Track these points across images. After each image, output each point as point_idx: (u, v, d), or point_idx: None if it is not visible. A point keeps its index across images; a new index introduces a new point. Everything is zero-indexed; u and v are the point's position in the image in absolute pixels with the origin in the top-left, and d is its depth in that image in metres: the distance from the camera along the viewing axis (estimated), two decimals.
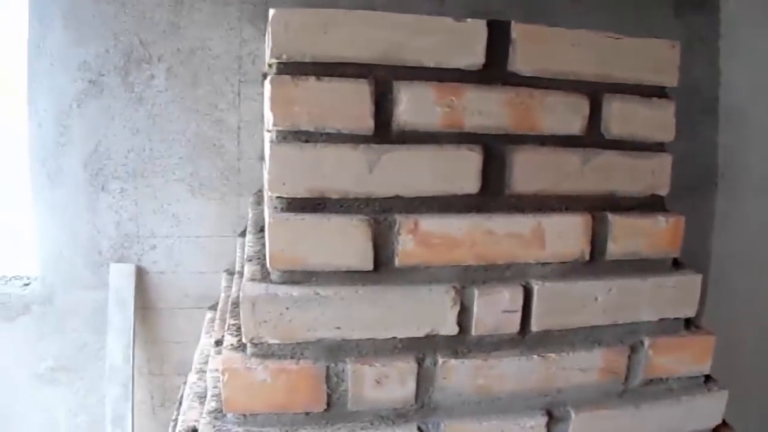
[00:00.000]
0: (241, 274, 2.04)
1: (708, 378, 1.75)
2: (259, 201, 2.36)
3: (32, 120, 2.58)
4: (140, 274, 2.63)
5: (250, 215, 2.32)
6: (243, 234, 2.55)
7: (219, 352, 1.66)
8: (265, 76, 2.59)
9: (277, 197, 1.50)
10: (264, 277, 1.53)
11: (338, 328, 1.49)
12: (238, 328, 1.58)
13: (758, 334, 2.69)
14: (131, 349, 2.59)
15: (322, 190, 1.48)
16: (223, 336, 1.71)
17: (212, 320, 2.53)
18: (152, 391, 2.87)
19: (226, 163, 2.58)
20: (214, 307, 2.62)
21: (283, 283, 1.50)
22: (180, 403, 2.09)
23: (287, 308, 1.46)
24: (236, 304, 1.75)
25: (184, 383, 2.06)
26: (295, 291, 1.47)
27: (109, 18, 2.46)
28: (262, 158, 2.64)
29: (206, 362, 2.07)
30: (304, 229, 1.47)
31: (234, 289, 2.01)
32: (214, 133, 2.56)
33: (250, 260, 1.65)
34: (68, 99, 2.55)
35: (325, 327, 1.48)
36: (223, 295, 2.37)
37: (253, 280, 1.53)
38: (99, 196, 2.60)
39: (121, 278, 2.60)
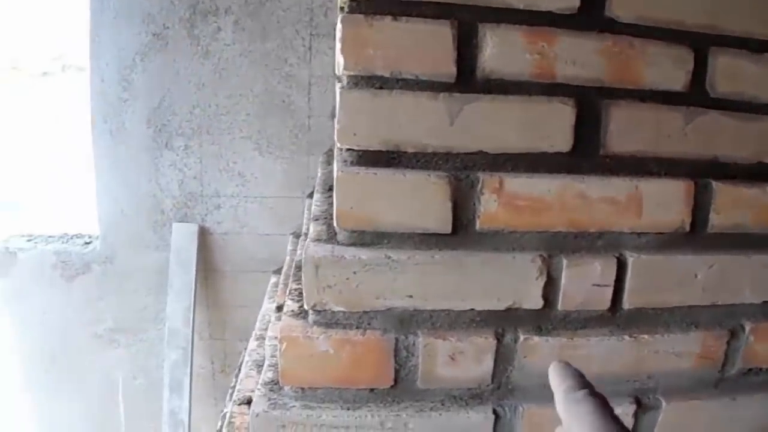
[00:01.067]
0: (307, 235, 1.90)
1: None
2: (329, 160, 2.22)
3: (95, 74, 2.48)
4: (203, 235, 2.52)
5: (319, 175, 2.19)
6: (311, 195, 2.42)
7: (279, 318, 1.52)
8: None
9: (347, 149, 1.35)
10: (330, 237, 1.39)
11: (410, 296, 1.34)
12: (300, 293, 1.44)
13: None
14: (192, 312, 2.50)
15: (397, 142, 1.33)
16: (284, 301, 1.56)
17: (276, 285, 2.42)
18: (212, 356, 2.77)
19: (296, 120, 2.44)
20: (279, 271, 2.51)
21: (352, 244, 1.36)
22: (239, 371, 1.97)
23: (355, 273, 1.32)
24: (299, 267, 1.61)
25: (245, 349, 1.93)
26: (364, 254, 1.32)
27: None
28: (333, 116, 2.50)
29: (266, 328, 1.94)
30: (377, 184, 1.32)
31: (299, 251, 1.86)
32: (284, 89, 2.43)
33: (316, 220, 1.51)
34: (131, 53, 2.44)
35: (396, 295, 1.34)
36: (288, 258, 2.25)
37: (318, 240, 1.38)
38: (162, 153, 2.50)
39: (183, 238, 2.49)
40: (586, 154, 1.40)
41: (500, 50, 1.34)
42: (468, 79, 1.35)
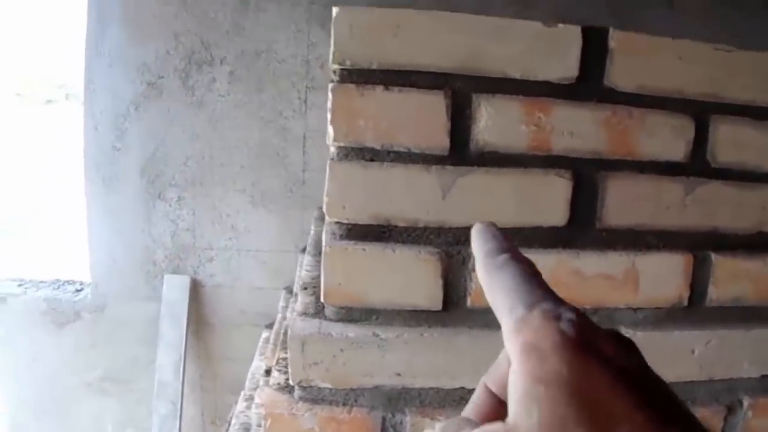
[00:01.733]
0: (297, 298, 1.86)
1: None
2: (322, 216, 2.18)
3: (88, 122, 2.42)
4: (195, 287, 2.48)
5: (312, 232, 2.15)
6: (305, 250, 2.39)
7: (267, 384, 1.48)
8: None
9: (336, 222, 1.31)
10: (318, 312, 1.35)
11: (398, 374, 1.30)
12: (287, 364, 1.40)
13: None
14: (182, 365, 2.46)
15: (387, 216, 1.29)
16: (272, 366, 1.53)
17: (267, 340, 2.38)
18: (203, 408, 2.73)
19: (291, 173, 2.39)
20: (270, 326, 2.47)
21: (339, 320, 1.32)
22: (227, 431, 1.93)
23: (342, 350, 1.28)
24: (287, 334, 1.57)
25: (234, 406, 1.90)
26: (352, 331, 1.28)
27: (170, 18, 2.29)
28: None
29: (255, 388, 1.90)
30: (365, 260, 1.28)
31: (289, 314, 1.82)
32: (279, 142, 2.39)
33: (305, 288, 1.46)
34: (126, 101, 2.40)
35: (384, 373, 1.29)
36: (279, 316, 2.21)
37: (305, 314, 1.35)
38: (155, 204, 2.45)
39: (175, 291, 2.46)
40: (581, 228, 1.36)
41: (495, 121, 1.30)
42: (461, 151, 1.31)
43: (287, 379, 1.37)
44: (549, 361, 0.38)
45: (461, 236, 1.31)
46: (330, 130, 1.28)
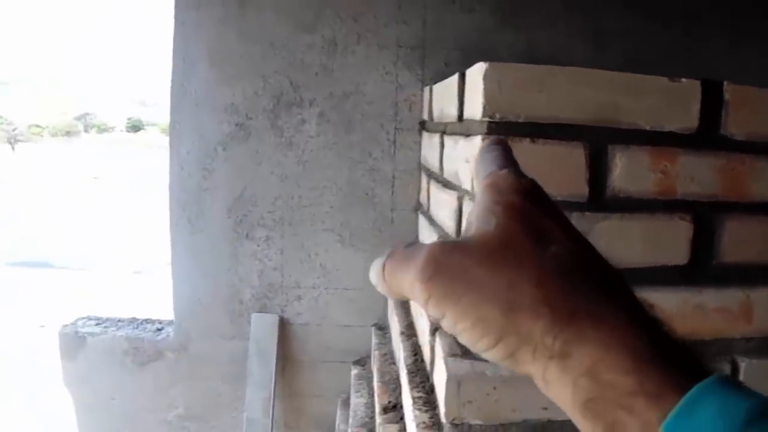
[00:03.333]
0: (406, 334, 1.93)
1: None
2: None
3: (174, 162, 2.42)
4: (283, 325, 2.50)
5: None
6: None
7: (390, 421, 1.55)
8: (422, 124, 2.50)
9: None
10: (465, 352, 1.43)
11: (545, 408, 1.39)
12: (426, 402, 1.49)
13: None
14: (271, 402, 2.48)
15: None
16: (390, 403, 1.60)
17: (360, 377, 2.47)
18: None
19: (379, 213, 2.44)
20: (359, 362, 2.56)
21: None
22: None
23: (495, 388, 1.37)
24: (415, 373, 1.65)
25: None
26: (504, 370, 1.36)
27: (257, 59, 2.31)
28: (416, 209, 2.56)
29: (363, 425, 1.96)
30: None
31: (400, 350, 1.88)
32: (367, 182, 2.42)
33: (437, 329, 1.54)
34: (213, 142, 2.41)
35: (532, 407, 1.38)
36: (376, 352, 2.24)
37: (454, 356, 1.42)
38: (243, 243, 2.46)
39: (263, 329, 2.47)
40: (699, 265, 1.47)
41: (629, 170, 1.40)
42: (598, 197, 1.40)
43: (431, 418, 1.45)
44: (506, 195, 0.50)
45: None
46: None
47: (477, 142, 1.38)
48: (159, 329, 2.77)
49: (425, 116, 2.41)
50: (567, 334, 0.44)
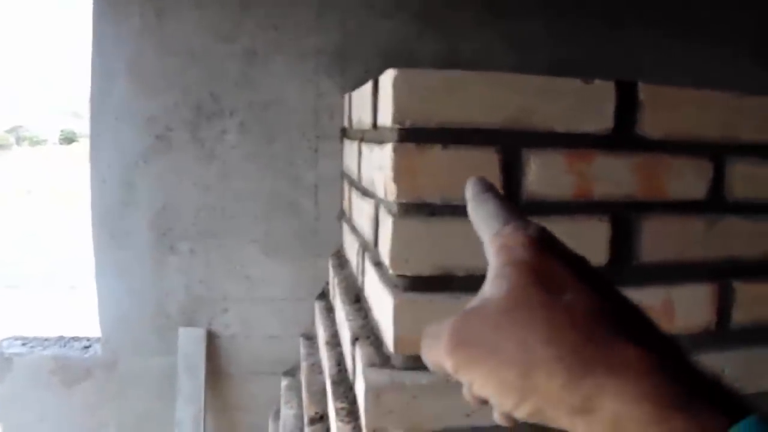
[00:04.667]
0: (331, 343, 1.90)
1: None
2: (341, 263, 2.21)
3: (95, 177, 2.35)
4: (210, 339, 2.44)
5: (333, 278, 2.17)
6: (321, 296, 2.42)
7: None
8: (343, 131, 2.47)
9: (399, 275, 1.37)
10: (384, 362, 1.40)
11: (467, 415, 1.37)
12: (349, 413, 1.47)
13: None
14: (202, 417, 2.42)
15: (448, 267, 1.37)
16: (317, 413, 1.57)
17: (290, 388, 2.43)
18: None
19: (303, 222, 2.39)
20: (289, 373, 2.48)
21: (408, 368, 1.38)
22: None
23: (414, 397, 1.34)
24: (339, 383, 1.62)
25: None
26: (424, 378, 1.35)
27: (177, 70, 2.25)
28: (340, 218, 2.51)
29: None
30: (432, 310, 1.35)
31: (325, 360, 1.85)
32: (290, 192, 2.38)
33: (357, 339, 1.52)
34: (134, 155, 2.34)
35: (454, 415, 1.36)
36: (304, 363, 2.21)
37: (372, 365, 1.40)
38: (167, 257, 2.40)
39: (191, 343, 2.41)
40: (620, 266, 1.47)
41: (543, 173, 1.39)
42: (513, 202, 1.39)
43: (354, 428, 1.42)
44: (515, 253, 0.50)
45: None
46: (393, 188, 1.34)
47: (389, 149, 1.35)
48: (87, 347, 2.70)
49: (346, 124, 2.38)
50: (585, 389, 0.43)
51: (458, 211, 1.35)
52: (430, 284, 1.37)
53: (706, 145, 1.51)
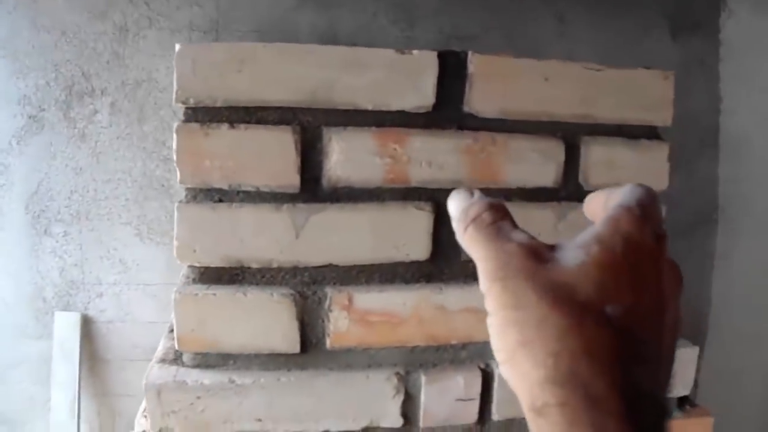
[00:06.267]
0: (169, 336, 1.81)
1: None
2: None
3: None
4: (86, 324, 2.39)
5: None
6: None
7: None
8: None
9: (188, 267, 1.26)
10: (176, 358, 1.31)
11: (259, 420, 1.26)
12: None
13: (763, 381, 2.41)
14: (77, 403, 2.38)
15: (239, 258, 1.25)
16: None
17: None
18: None
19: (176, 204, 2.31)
20: None
21: (196, 366, 1.28)
22: None
23: (198, 397, 1.24)
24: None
25: None
26: (207, 378, 1.24)
27: (49, 48, 2.18)
28: None
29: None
30: (216, 305, 1.24)
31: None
32: (163, 173, 2.28)
33: (171, 331, 1.42)
34: (8, 135, 2.29)
35: (244, 419, 1.26)
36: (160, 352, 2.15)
37: (163, 362, 1.30)
38: (42, 239, 2.35)
39: (66, 328, 2.37)
40: (446, 262, 1.32)
41: (348, 155, 1.25)
42: (314, 188, 1.26)
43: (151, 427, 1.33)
44: (630, 232, 0.44)
45: (318, 276, 1.27)
46: (177, 172, 1.22)
47: (174, 134, 1.23)
48: None
49: None
50: (553, 398, 0.43)
51: (250, 196, 1.24)
52: (220, 276, 1.26)
53: (555, 124, 1.33)
